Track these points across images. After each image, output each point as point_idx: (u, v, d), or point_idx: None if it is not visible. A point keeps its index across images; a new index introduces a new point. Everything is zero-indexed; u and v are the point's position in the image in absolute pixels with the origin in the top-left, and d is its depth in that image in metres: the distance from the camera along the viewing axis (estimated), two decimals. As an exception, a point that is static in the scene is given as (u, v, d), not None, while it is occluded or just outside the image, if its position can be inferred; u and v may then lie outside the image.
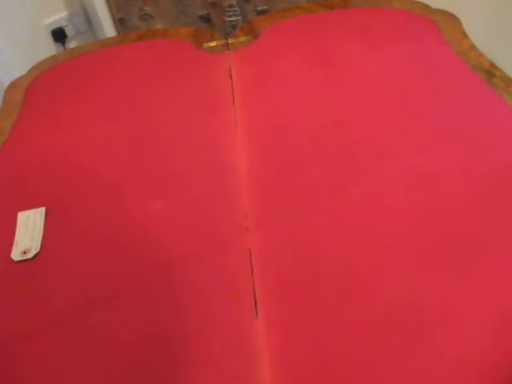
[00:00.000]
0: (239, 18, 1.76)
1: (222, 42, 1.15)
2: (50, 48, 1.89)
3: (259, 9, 1.78)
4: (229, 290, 0.65)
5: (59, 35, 1.91)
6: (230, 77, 1.02)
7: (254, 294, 0.64)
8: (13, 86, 1.16)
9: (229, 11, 1.75)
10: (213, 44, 1.14)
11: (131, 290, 0.68)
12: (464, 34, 1.10)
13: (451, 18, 1.14)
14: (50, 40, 1.91)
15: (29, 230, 0.78)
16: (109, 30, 1.87)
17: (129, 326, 0.64)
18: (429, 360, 0.57)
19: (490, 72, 0.97)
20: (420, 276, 0.64)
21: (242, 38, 1.16)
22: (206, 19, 1.80)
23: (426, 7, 1.20)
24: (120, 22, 1.82)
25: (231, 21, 1.77)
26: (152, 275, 0.69)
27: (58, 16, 1.92)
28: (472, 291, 0.62)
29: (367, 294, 0.63)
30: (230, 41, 1.14)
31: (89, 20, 1.96)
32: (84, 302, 0.67)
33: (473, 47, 1.05)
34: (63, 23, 1.92)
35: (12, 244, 0.76)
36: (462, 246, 0.67)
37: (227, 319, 0.63)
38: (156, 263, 0.70)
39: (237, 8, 1.75)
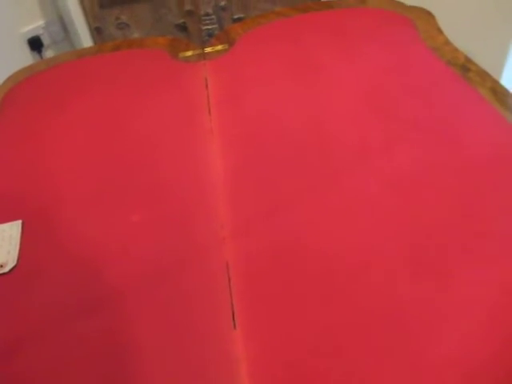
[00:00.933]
0: (216, 26, 1.77)
1: (198, 51, 1.15)
2: (26, 56, 1.88)
3: (235, 17, 1.79)
4: (207, 301, 0.66)
5: (35, 44, 1.90)
6: (206, 86, 1.03)
7: (232, 304, 0.65)
8: (-12, 95, 1.15)
9: (205, 19, 1.76)
10: (189, 53, 1.15)
11: (109, 301, 0.68)
12: (439, 30, 1.11)
13: (426, 15, 1.16)
14: (26, 48, 1.89)
15: (5, 243, 0.78)
16: (85, 38, 1.87)
17: (107, 336, 0.65)
18: (413, 361, 0.58)
19: (466, 66, 0.98)
20: (402, 276, 0.65)
21: (219, 47, 1.17)
22: (183, 28, 1.81)
23: (401, 5, 1.22)
24: (96, 31, 1.82)
25: (208, 29, 1.78)
26: (130, 287, 0.69)
27: (34, 24, 1.90)
28: (457, 291, 0.63)
29: (347, 301, 0.64)
30: (207, 50, 1.15)
31: (65, 29, 1.95)
32: (63, 314, 0.67)
33: (447, 42, 1.06)
34: (40, 32, 1.91)
35: (-12, 258, 0.76)
36: (445, 245, 0.67)
37: (205, 330, 0.63)
38: (134, 275, 0.70)
39: (213, 16, 1.76)
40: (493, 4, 1.79)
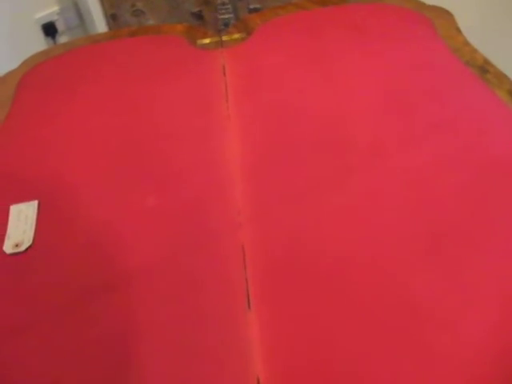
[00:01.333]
0: (231, 15, 1.76)
1: (215, 39, 1.15)
2: (40, 42, 1.88)
3: (251, 7, 1.79)
4: (222, 284, 0.66)
5: (50, 30, 1.90)
6: (224, 74, 1.02)
7: (247, 286, 0.65)
8: (4, 79, 1.15)
9: (221, 9, 1.76)
10: (206, 41, 1.15)
11: (124, 282, 0.68)
12: (458, 30, 1.11)
13: (445, 14, 1.16)
14: (40, 34, 1.89)
15: (21, 223, 0.78)
16: (100, 25, 1.86)
17: (120, 317, 0.65)
18: (421, 353, 0.58)
19: (484, 68, 0.98)
20: (414, 269, 0.65)
21: (236, 36, 1.16)
22: (199, 16, 1.80)
23: (420, 4, 1.22)
24: (112, 18, 1.82)
25: (223, 18, 1.77)
26: (144, 269, 0.69)
27: (49, 10, 1.90)
28: (471, 284, 0.63)
29: (360, 287, 0.64)
30: (224, 38, 1.15)
31: (80, 15, 1.95)
32: (77, 295, 0.67)
33: (466, 43, 1.06)
34: (54, 17, 1.91)
35: (4, 237, 0.76)
36: (455, 240, 0.68)
37: (219, 311, 0.63)
38: (149, 257, 0.70)
39: (229, 6, 1.75)
40: (512, 4, 1.78)
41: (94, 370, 0.60)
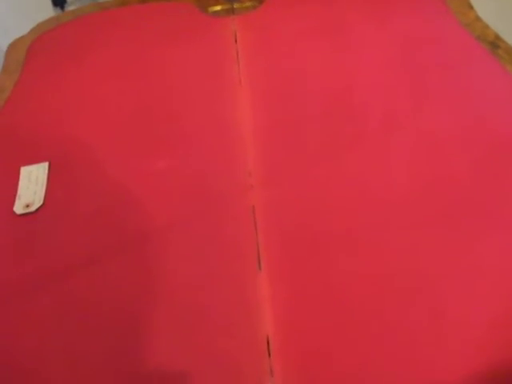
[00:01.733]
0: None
1: (227, 6, 1.13)
2: (48, 13, 1.86)
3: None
4: (232, 245, 0.66)
5: (59, 0, 1.89)
6: (235, 40, 1.01)
7: (258, 247, 0.65)
8: (14, 45, 1.14)
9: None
10: (217, 8, 1.13)
11: (134, 244, 0.68)
12: (470, 6, 1.09)
13: (457, -10, 1.14)
14: (48, 4, 1.88)
15: (32, 184, 0.78)
16: (110, -5, 1.84)
17: (133, 278, 0.65)
18: (432, 318, 0.58)
19: (495, 43, 0.96)
20: (422, 237, 0.65)
21: (247, 4, 1.14)
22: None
23: (433, -21, 1.19)
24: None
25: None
26: (155, 231, 0.69)
27: (58, -20, 1.88)
28: (474, 252, 0.63)
29: (371, 253, 0.64)
30: (236, 6, 1.13)
31: (89, -15, 1.93)
32: (87, 255, 0.68)
33: (478, 19, 1.05)
34: (63, -12, 1.89)
35: (15, 197, 0.76)
36: (463, 209, 0.68)
37: (230, 272, 0.63)
38: (160, 219, 0.71)
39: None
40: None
41: (105, 330, 0.61)
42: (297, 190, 0.72)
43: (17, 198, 0.76)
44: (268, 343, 0.57)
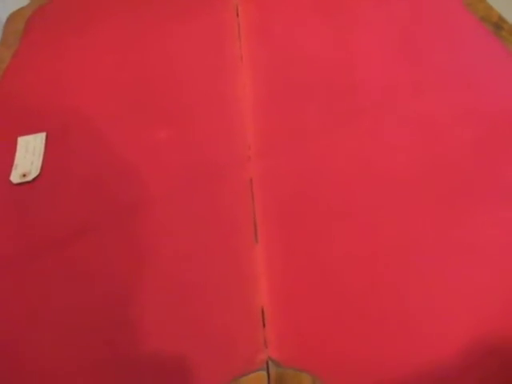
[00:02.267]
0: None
1: (229, -20, 1.11)
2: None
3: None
4: (228, 217, 0.66)
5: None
6: (237, 15, 1.00)
7: (254, 219, 0.65)
8: (13, 17, 1.13)
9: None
10: (219, -18, 1.11)
11: (131, 214, 0.68)
12: (473, -13, 1.07)
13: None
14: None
15: (29, 154, 0.77)
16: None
17: (129, 249, 0.65)
18: (428, 290, 0.58)
19: (498, 25, 0.95)
20: (419, 213, 0.65)
21: (250, -22, 1.12)
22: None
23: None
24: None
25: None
26: (153, 201, 0.69)
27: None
28: (472, 229, 0.63)
29: (367, 224, 0.64)
30: (238, -20, 1.11)
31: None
32: (83, 225, 0.68)
33: (481, 0, 1.03)
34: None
35: (12, 167, 0.76)
36: (462, 187, 0.67)
37: (226, 244, 0.63)
38: (156, 190, 0.70)
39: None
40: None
41: (98, 299, 0.60)
42: (295, 163, 0.71)
43: (13, 167, 0.76)
44: (263, 314, 0.57)
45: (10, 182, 0.74)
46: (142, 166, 0.73)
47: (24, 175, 0.74)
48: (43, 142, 0.78)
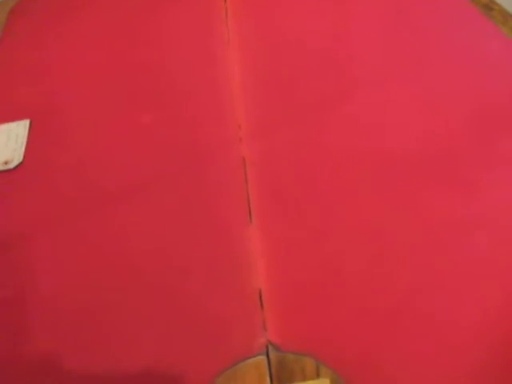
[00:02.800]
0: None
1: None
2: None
3: None
4: (223, 196, 0.63)
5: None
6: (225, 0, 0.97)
7: (248, 198, 0.62)
8: (-4, 8, 1.10)
9: None
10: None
11: (117, 200, 0.65)
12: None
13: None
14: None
15: (11, 142, 0.74)
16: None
17: (117, 232, 0.62)
18: (429, 265, 0.55)
19: (488, 6, 0.94)
20: (425, 183, 0.62)
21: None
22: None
23: None
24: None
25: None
26: (141, 184, 0.66)
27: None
28: (480, 198, 0.61)
29: (363, 200, 0.61)
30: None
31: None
32: (67, 210, 0.64)
33: (472, -18, 1.01)
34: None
35: (-7, 155, 0.72)
36: (461, 161, 0.65)
37: (220, 224, 0.60)
38: (145, 172, 0.67)
39: None
40: None
41: (84, 281, 0.58)
42: (288, 142, 0.68)
43: (-5, 155, 0.72)
44: (260, 296, 0.54)
45: (-8, 169, 0.71)
46: (129, 149, 0.70)
47: (6, 163, 0.71)
48: (27, 129, 0.75)
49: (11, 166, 0.70)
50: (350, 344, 0.51)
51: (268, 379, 0.48)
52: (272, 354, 0.50)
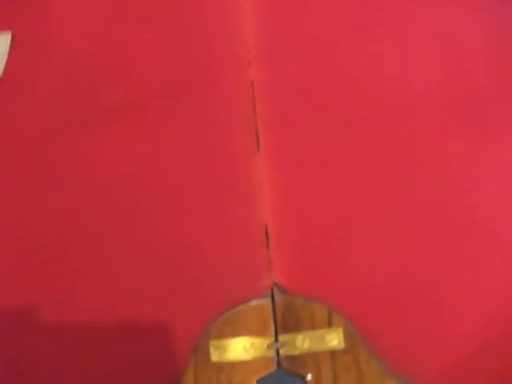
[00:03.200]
0: None
1: None
2: None
3: None
4: (228, 123, 0.57)
5: None
6: None
7: (256, 126, 0.56)
8: None
9: None
10: None
11: (109, 119, 0.59)
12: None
13: None
14: None
15: (-10, 55, 0.66)
16: None
17: (112, 160, 0.56)
18: (455, 213, 0.51)
19: None
20: (447, 131, 0.56)
21: None
22: None
23: None
24: None
25: None
26: (140, 104, 0.60)
27: None
28: (504, 147, 0.55)
29: (378, 135, 0.55)
30: None
31: None
32: (53, 127, 0.59)
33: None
34: None
35: (-30, 70, 0.65)
36: (482, 107, 0.58)
37: (226, 153, 0.55)
38: (143, 92, 0.61)
39: None
40: None
41: (67, 204, 0.53)
42: (298, 66, 0.62)
43: (-29, 68, 0.65)
44: (266, 232, 0.48)
45: (-31, 86, 0.63)
46: (126, 67, 0.63)
47: (-16, 77, 0.63)
48: (8, 42, 0.67)
49: (-11, 81, 0.63)
50: (365, 290, 0.46)
51: (272, 325, 0.43)
52: (277, 297, 0.45)
